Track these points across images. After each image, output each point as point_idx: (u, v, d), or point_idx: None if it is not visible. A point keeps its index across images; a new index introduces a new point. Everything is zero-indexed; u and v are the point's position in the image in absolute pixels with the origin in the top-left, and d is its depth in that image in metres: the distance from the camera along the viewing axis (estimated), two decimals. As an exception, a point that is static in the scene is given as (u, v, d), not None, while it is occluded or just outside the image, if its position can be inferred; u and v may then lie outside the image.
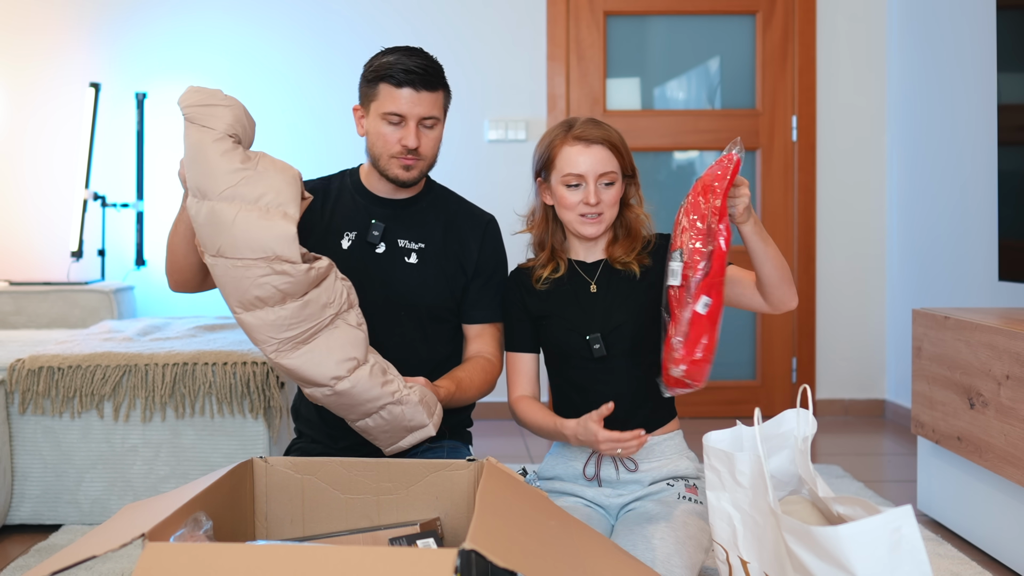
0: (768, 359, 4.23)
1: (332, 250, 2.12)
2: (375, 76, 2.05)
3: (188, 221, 1.96)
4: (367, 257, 2.13)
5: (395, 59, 2.04)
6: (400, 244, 2.15)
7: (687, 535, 1.90)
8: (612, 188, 2.02)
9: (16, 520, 2.62)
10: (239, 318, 1.92)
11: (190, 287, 2.13)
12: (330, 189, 2.20)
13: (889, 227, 4.20)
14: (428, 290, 2.14)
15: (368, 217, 2.15)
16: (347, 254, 2.13)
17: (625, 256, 2.05)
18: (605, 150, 2.01)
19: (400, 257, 2.14)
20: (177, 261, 2.06)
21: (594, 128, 2.02)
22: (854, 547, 1.41)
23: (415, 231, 2.16)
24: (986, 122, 3.34)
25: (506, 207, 4.10)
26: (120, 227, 4.14)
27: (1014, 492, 2.33)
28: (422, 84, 2.03)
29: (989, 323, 2.37)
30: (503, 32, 4.17)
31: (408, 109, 2.04)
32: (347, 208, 2.17)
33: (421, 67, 2.03)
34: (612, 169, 2.01)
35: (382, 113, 2.05)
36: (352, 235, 2.14)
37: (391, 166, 2.09)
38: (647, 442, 1.97)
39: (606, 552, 1.58)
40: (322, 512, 1.80)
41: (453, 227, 2.19)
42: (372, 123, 2.08)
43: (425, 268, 2.14)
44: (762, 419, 1.72)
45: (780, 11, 4.17)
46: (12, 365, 2.61)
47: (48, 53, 4.13)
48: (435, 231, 2.17)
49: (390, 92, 2.04)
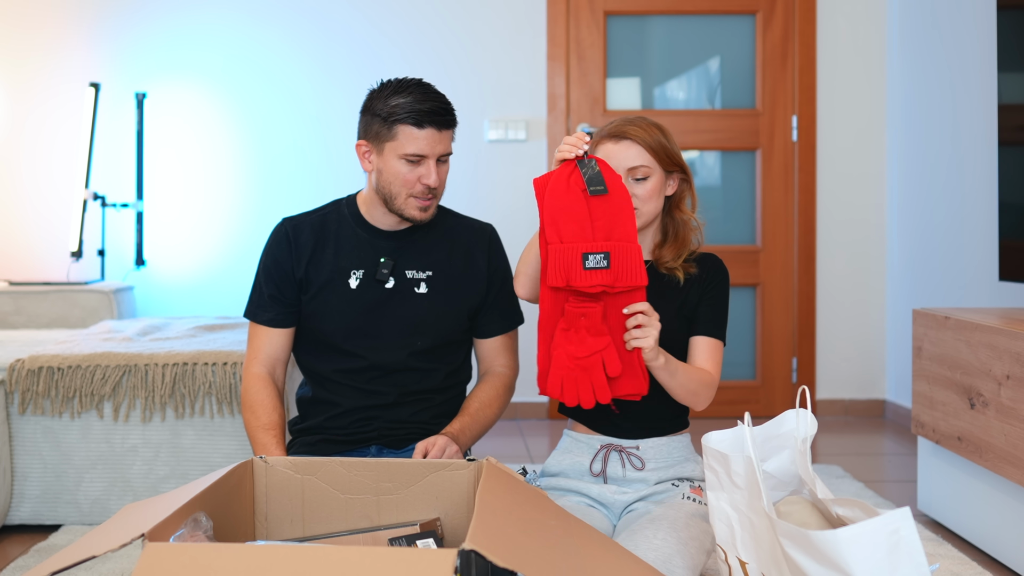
0: (768, 359, 4.23)
1: (340, 290, 2.13)
2: (392, 118, 2.04)
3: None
4: (378, 294, 2.13)
5: (411, 100, 2.03)
6: (409, 276, 2.15)
7: (690, 536, 1.90)
8: (646, 183, 1.99)
9: (16, 520, 2.62)
10: None
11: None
12: (328, 224, 2.18)
13: (889, 227, 4.20)
14: (440, 318, 2.15)
15: (375, 253, 2.14)
16: (356, 293, 2.13)
17: (672, 261, 2.03)
18: (635, 145, 1.99)
19: (410, 289, 2.14)
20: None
21: (625, 125, 2.01)
22: (852, 550, 1.40)
23: (421, 260, 2.16)
24: (986, 122, 3.34)
25: (506, 207, 4.13)
26: (120, 227, 4.14)
27: (1014, 492, 2.33)
28: (444, 124, 2.06)
29: (989, 323, 2.37)
30: (503, 32, 4.17)
31: (430, 149, 2.05)
32: (351, 245, 2.16)
33: (440, 108, 2.05)
34: (642, 162, 1.98)
35: (402, 154, 2.05)
36: (360, 273, 2.14)
37: (408, 206, 2.09)
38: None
39: (607, 552, 1.57)
40: (322, 512, 1.79)
41: (458, 246, 2.19)
42: (388, 162, 2.07)
43: (436, 296, 2.15)
44: (763, 420, 1.72)
45: (780, 11, 4.17)
46: (12, 365, 2.61)
47: (47, 50, 4.13)
48: (441, 256, 2.17)
49: (410, 133, 2.04)
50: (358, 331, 2.13)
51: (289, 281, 2.15)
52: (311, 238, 2.15)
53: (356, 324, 2.13)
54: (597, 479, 2.05)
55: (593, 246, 1.81)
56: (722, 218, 4.27)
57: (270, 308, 2.16)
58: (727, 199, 4.28)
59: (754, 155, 4.22)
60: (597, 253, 1.81)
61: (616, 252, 1.82)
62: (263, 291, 2.17)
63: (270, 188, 4.18)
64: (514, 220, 3.94)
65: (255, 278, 2.20)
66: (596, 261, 1.81)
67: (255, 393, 2.12)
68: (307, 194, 4.07)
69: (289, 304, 2.16)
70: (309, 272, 2.14)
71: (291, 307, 2.16)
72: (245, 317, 2.21)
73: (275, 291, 2.15)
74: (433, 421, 2.17)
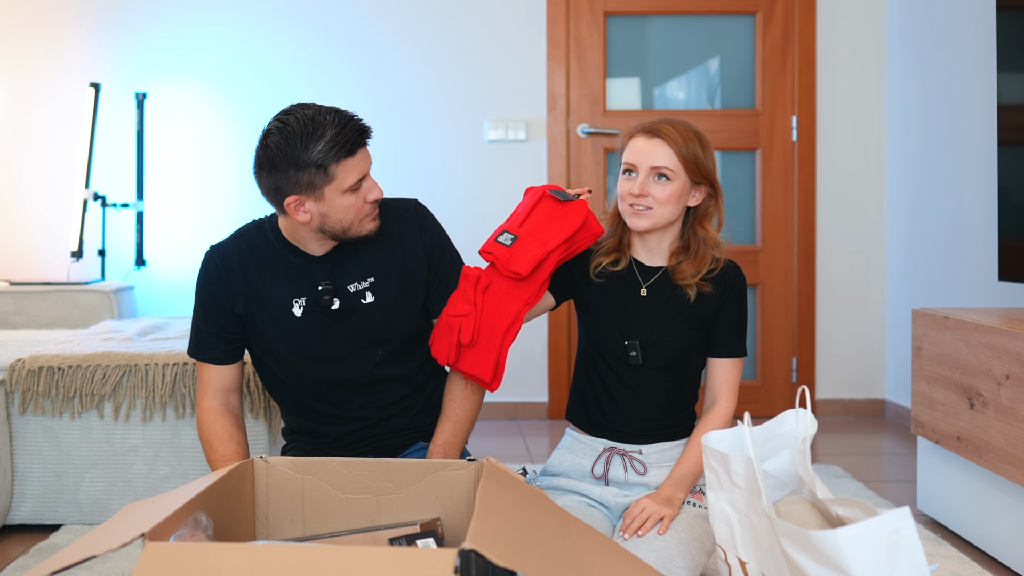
0: (768, 359, 4.23)
1: (285, 321, 2.05)
2: (325, 162, 1.90)
3: None
4: (326, 317, 2.05)
5: (332, 135, 1.89)
6: (352, 289, 2.06)
7: (691, 537, 1.90)
8: (666, 185, 1.97)
9: (16, 520, 2.62)
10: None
11: None
12: (258, 254, 2.06)
13: (889, 227, 4.20)
14: (395, 320, 2.08)
15: (312, 279, 2.05)
16: (303, 321, 2.05)
17: (690, 277, 2.01)
18: (666, 145, 1.97)
19: (356, 301, 2.06)
20: None
21: (662, 123, 2.00)
22: (852, 550, 1.41)
23: (359, 269, 2.06)
24: (986, 122, 3.34)
25: (506, 207, 4.13)
26: (120, 227, 4.14)
27: (1014, 492, 2.33)
28: (366, 135, 1.96)
29: (989, 323, 2.37)
30: (503, 32, 4.17)
31: (367, 167, 1.97)
32: (285, 275, 2.05)
33: (355, 126, 1.93)
34: (667, 165, 1.97)
35: (346, 189, 1.93)
36: (302, 301, 2.04)
37: (363, 227, 2.00)
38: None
39: (607, 551, 1.58)
40: (322, 512, 1.80)
41: (389, 238, 2.09)
42: (332, 203, 1.94)
43: (384, 301, 2.07)
44: (763, 420, 1.73)
45: (780, 11, 4.17)
46: (12, 365, 2.61)
47: (47, 50, 4.13)
48: (376, 257, 2.08)
49: (347, 165, 1.92)
50: (316, 355, 2.06)
51: (228, 316, 2.07)
52: (241, 271, 2.06)
53: (312, 349, 2.06)
54: (599, 481, 2.05)
55: (514, 229, 2.01)
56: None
57: (212, 346, 2.08)
58: (727, 199, 4.26)
59: (754, 155, 4.22)
60: (511, 233, 2.00)
61: (523, 240, 1.98)
62: (202, 329, 2.08)
63: (270, 188, 4.17)
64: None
65: (193, 314, 2.11)
66: (505, 238, 2.00)
67: (208, 427, 2.06)
68: (307, 194, 4.06)
69: (231, 339, 2.09)
70: (249, 307, 2.05)
71: (234, 341, 2.09)
72: (188, 355, 2.14)
73: (216, 328, 2.07)
74: (423, 422, 2.16)
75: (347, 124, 1.91)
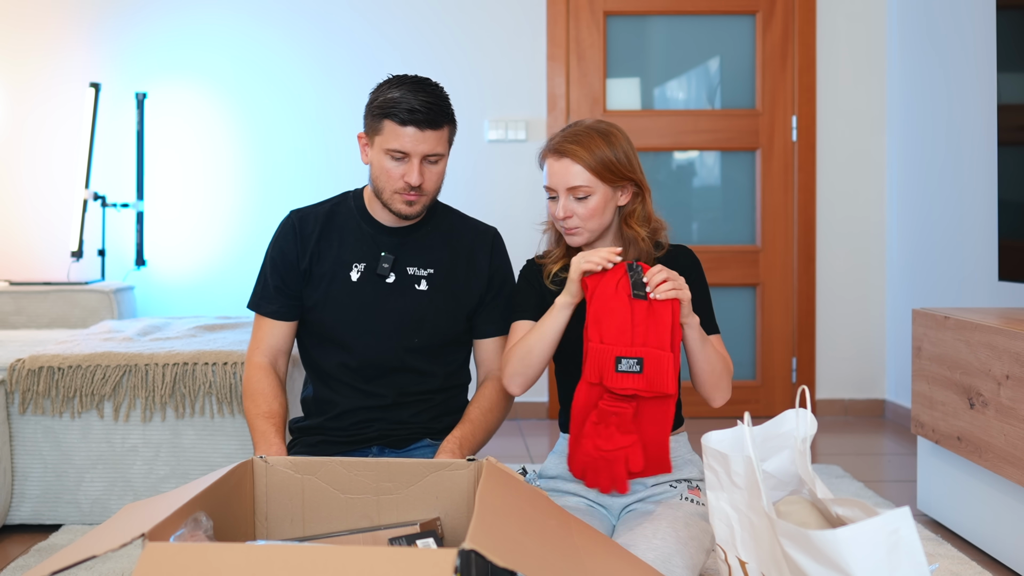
0: (768, 359, 4.23)
1: (341, 282, 2.13)
2: (380, 112, 2.03)
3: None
4: (378, 289, 2.13)
5: (400, 95, 2.00)
6: (410, 272, 2.14)
7: (689, 535, 1.90)
8: (587, 202, 1.96)
9: (16, 520, 2.62)
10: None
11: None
12: (335, 216, 2.18)
13: (889, 227, 4.20)
14: (440, 316, 2.14)
15: (376, 248, 2.14)
16: (356, 287, 2.13)
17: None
18: (574, 163, 1.95)
19: (411, 285, 2.14)
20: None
21: (566, 140, 1.97)
22: (852, 550, 1.40)
23: (423, 257, 2.16)
24: (986, 122, 3.34)
25: (506, 207, 4.13)
26: (120, 227, 4.14)
27: (1014, 492, 2.33)
28: (426, 123, 2.01)
29: (989, 323, 2.37)
30: (503, 33, 4.17)
31: (412, 147, 2.02)
32: (355, 238, 2.16)
33: (426, 105, 2.00)
34: (582, 183, 1.95)
35: (386, 149, 2.03)
36: (361, 267, 2.14)
37: (394, 201, 2.08)
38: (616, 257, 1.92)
39: (606, 551, 1.58)
40: (322, 512, 1.80)
41: (461, 246, 2.19)
42: (376, 156, 2.06)
43: (436, 294, 2.14)
44: (763, 420, 1.72)
45: (780, 11, 4.18)
46: (12, 365, 2.61)
47: (47, 50, 4.13)
48: (443, 254, 2.17)
49: (394, 129, 2.01)
50: (356, 323, 2.13)
51: (294, 273, 2.15)
52: (316, 229, 2.15)
53: (355, 316, 2.13)
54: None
55: (629, 351, 1.85)
56: (722, 218, 4.28)
57: (275, 300, 2.16)
58: (727, 199, 4.28)
59: (754, 155, 4.22)
60: (631, 358, 1.85)
61: (649, 359, 1.84)
62: (268, 283, 2.17)
63: (270, 188, 4.18)
64: (513, 220, 3.94)
65: (261, 269, 2.20)
66: (629, 365, 1.85)
67: (256, 382, 2.13)
68: (307, 194, 4.06)
69: (293, 296, 2.16)
70: (312, 263, 2.14)
71: (295, 299, 2.17)
72: (249, 308, 2.21)
73: (280, 283, 2.16)
74: (434, 421, 2.17)
75: (416, 100, 2.00)
